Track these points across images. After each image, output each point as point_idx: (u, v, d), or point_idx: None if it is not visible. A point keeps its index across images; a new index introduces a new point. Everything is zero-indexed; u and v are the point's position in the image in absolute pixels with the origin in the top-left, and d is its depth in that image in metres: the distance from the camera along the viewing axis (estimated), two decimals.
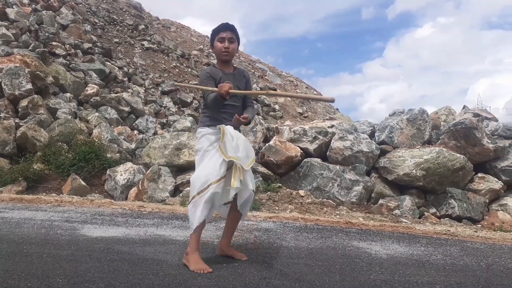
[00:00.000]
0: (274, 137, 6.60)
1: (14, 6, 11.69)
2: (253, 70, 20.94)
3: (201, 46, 19.96)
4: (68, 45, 11.55)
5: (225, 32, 2.81)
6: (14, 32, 10.33)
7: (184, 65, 16.57)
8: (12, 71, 7.99)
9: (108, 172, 6.44)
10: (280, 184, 6.18)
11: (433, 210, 5.88)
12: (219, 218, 4.18)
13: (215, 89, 2.63)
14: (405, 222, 5.16)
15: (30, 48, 9.94)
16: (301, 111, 19.44)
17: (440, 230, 4.69)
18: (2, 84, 7.94)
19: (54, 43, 11.00)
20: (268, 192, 5.87)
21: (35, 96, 8.02)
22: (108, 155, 6.95)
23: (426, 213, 5.75)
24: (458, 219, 5.70)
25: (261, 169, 6.34)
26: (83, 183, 6.21)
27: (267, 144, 6.47)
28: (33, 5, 12.86)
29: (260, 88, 19.17)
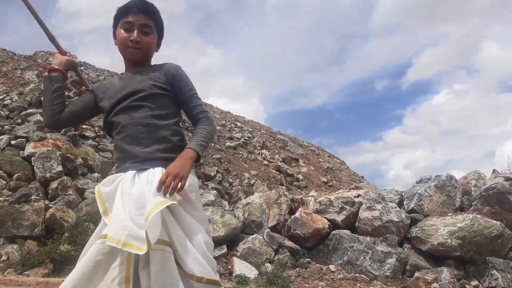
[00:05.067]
0: (300, 209, 6.50)
1: None
2: (274, 142, 21.25)
3: (223, 122, 20.59)
4: (97, 127, 12.10)
5: (135, 15, 1.82)
6: None
7: None
8: (44, 154, 8.35)
9: None
10: (309, 259, 5.95)
11: (475, 282, 5.50)
12: None
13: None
14: None
15: (62, 132, 10.46)
16: (325, 180, 19.27)
17: None
18: (35, 167, 8.27)
19: (84, 126, 11.58)
20: (297, 268, 5.65)
21: (65, 177, 8.27)
22: None
23: (467, 286, 5.37)
24: None
25: (288, 243, 6.17)
26: None
27: (292, 217, 6.35)
28: (66, 92, 13.79)
29: (282, 158, 19.31)
